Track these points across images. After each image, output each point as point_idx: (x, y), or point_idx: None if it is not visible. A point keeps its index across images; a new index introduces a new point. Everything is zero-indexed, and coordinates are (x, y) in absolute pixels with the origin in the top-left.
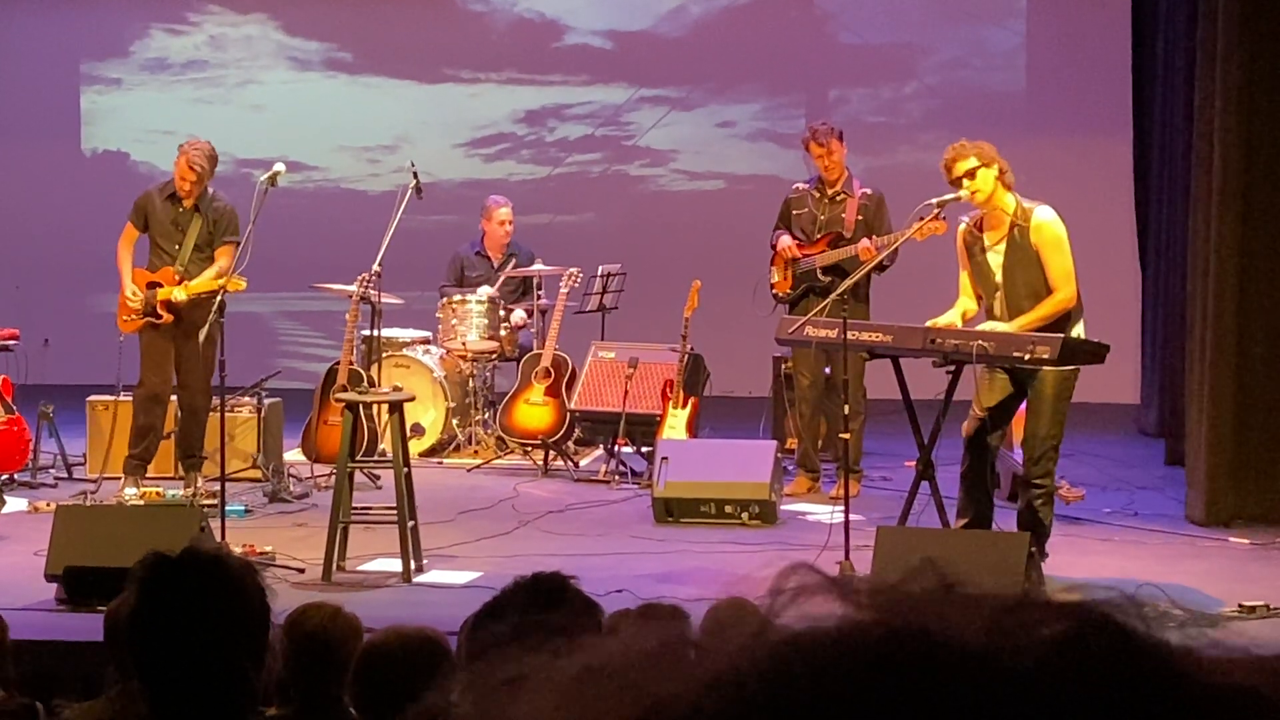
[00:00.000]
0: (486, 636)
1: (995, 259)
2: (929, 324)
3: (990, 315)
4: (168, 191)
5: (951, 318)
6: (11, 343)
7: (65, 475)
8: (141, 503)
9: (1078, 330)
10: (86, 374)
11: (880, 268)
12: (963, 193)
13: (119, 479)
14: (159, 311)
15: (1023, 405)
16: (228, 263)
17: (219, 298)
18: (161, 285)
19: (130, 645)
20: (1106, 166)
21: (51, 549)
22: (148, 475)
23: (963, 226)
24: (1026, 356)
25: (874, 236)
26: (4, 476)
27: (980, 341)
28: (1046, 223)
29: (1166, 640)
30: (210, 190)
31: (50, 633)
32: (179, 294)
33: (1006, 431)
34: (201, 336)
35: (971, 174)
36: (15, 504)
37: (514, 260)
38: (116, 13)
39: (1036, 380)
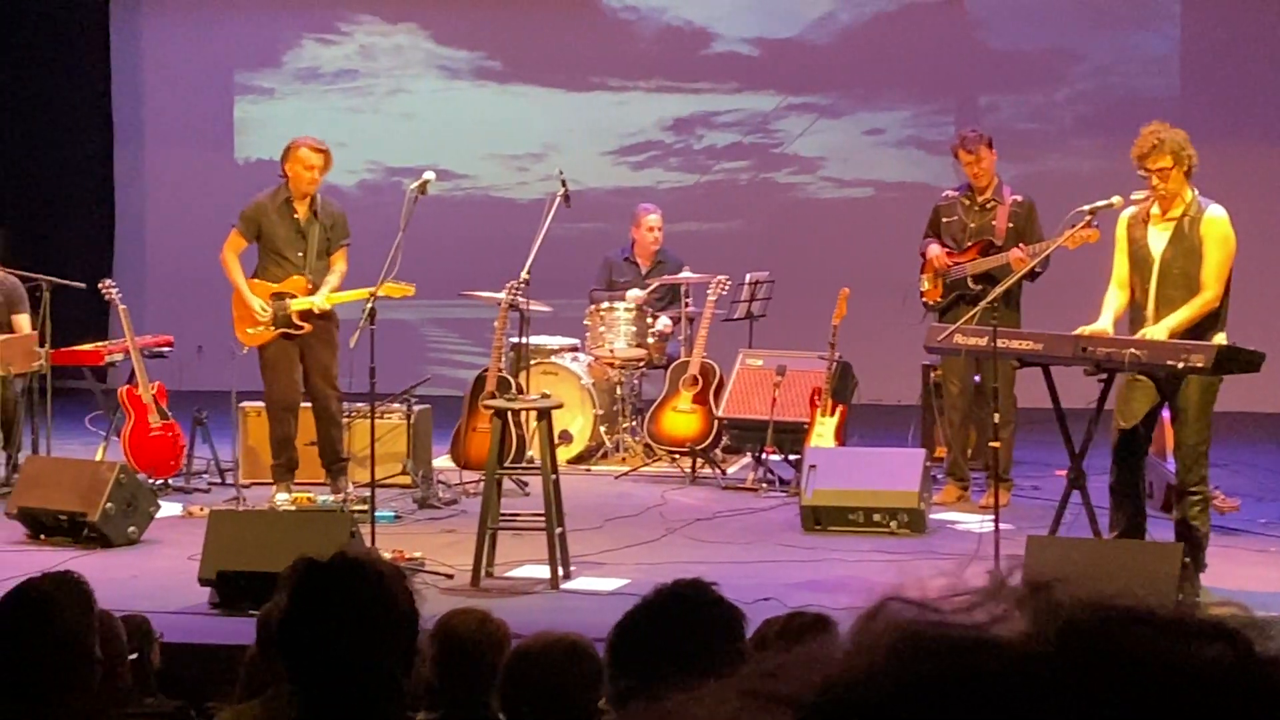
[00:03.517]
0: (632, 644)
1: (1157, 243)
2: (1080, 332)
3: (1137, 307)
4: (280, 199)
5: (1104, 322)
6: (166, 349)
7: (218, 481)
8: (293, 508)
9: (1220, 338)
10: (238, 380)
11: (1032, 275)
12: (1115, 199)
13: (270, 484)
14: (295, 322)
15: (1166, 413)
16: (345, 266)
17: (369, 303)
18: (291, 295)
19: (282, 649)
20: (1264, 173)
21: (205, 554)
22: (299, 481)
23: (1129, 211)
24: (1180, 365)
25: (1025, 244)
26: (159, 482)
27: (1133, 350)
28: (1219, 219)
29: None
30: (320, 196)
31: (203, 636)
32: (322, 304)
33: (1158, 440)
34: (352, 343)
35: (1165, 174)
36: (169, 509)
37: (662, 267)
38: (269, 24)
39: (1181, 387)
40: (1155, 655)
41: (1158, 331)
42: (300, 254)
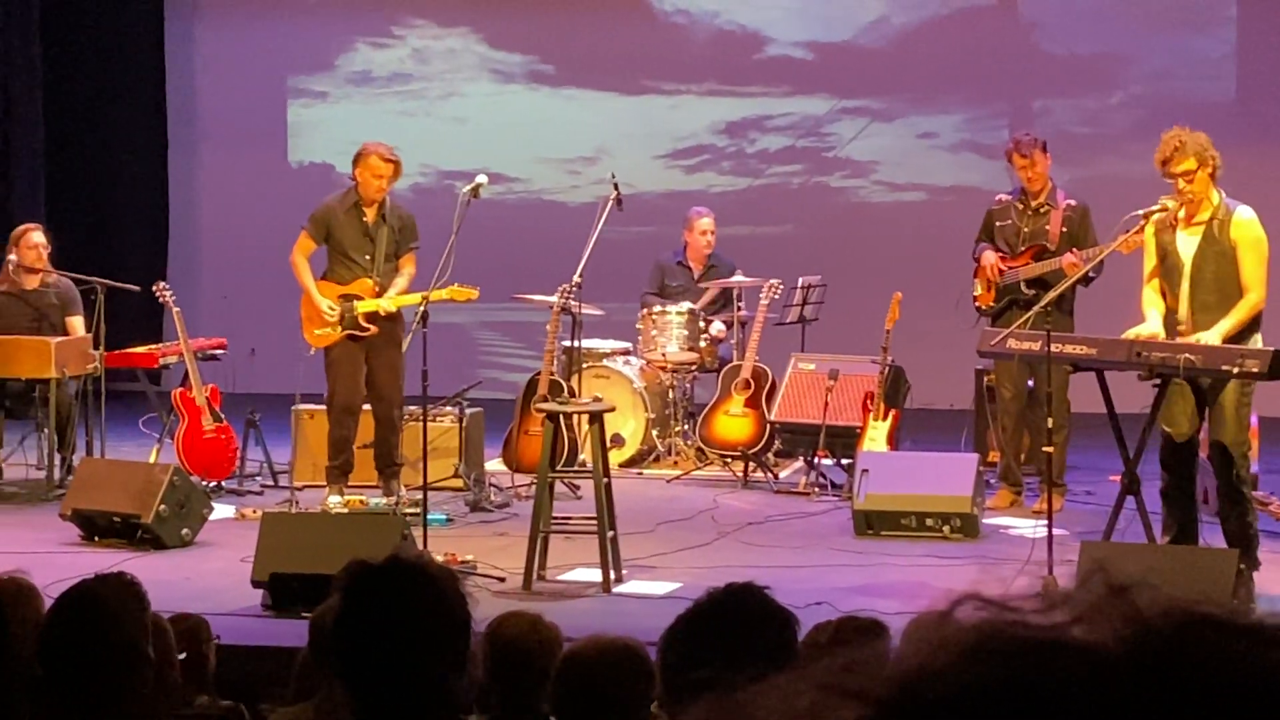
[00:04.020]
0: (684, 648)
1: (1186, 248)
2: (1135, 334)
3: (1170, 312)
4: (349, 202)
5: (1154, 324)
6: (219, 352)
7: (271, 483)
8: (345, 511)
9: (1256, 340)
10: (291, 383)
11: (1086, 280)
12: (1169, 202)
13: (323, 487)
14: (362, 324)
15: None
16: (414, 269)
17: (422, 307)
18: (358, 297)
19: (335, 651)
20: None
21: (258, 555)
22: (351, 484)
23: (1156, 216)
24: (1235, 370)
25: (1079, 249)
26: (212, 484)
27: (1187, 355)
28: (1248, 221)
29: None
30: (389, 199)
31: (256, 638)
32: (387, 306)
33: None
34: (405, 346)
35: (1190, 177)
36: (222, 511)
37: (714, 271)
38: (323, 27)
39: (1217, 391)
40: (1235, 661)
41: (1210, 336)
42: (368, 257)
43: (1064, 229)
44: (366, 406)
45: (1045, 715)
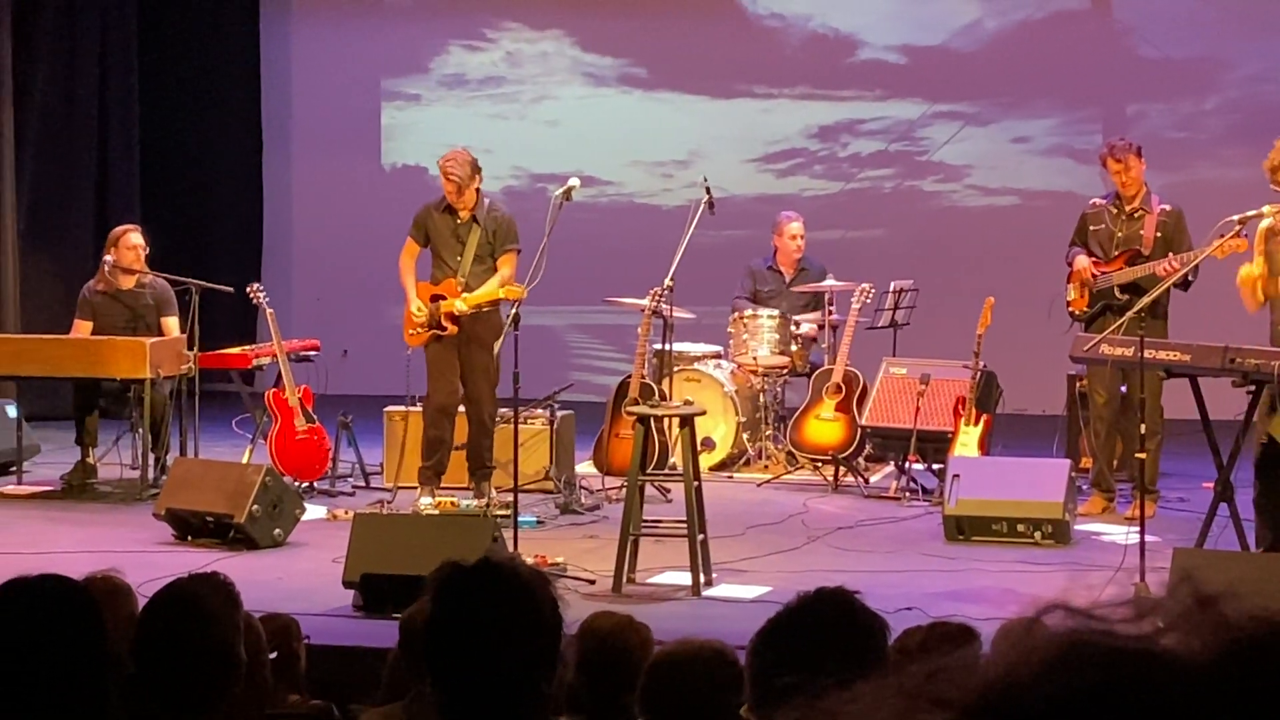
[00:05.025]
0: (774, 652)
1: None
2: None
3: (1274, 314)
4: (444, 205)
5: None
6: (312, 353)
7: (363, 484)
8: (436, 512)
9: None
10: (383, 384)
11: (1183, 285)
12: (1266, 209)
13: (414, 488)
14: (443, 324)
15: None
16: (510, 271)
17: (514, 310)
18: (445, 298)
19: (426, 652)
20: None
21: (349, 556)
22: (442, 485)
23: (1266, 223)
24: None
25: (1174, 254)
26: (304, 485)
27: None
28: None
29: None
30: (487, 200)
31: (347, 638)
32: (460, 305)
33: None
34: (496, 349)
35: None
36: (314, 511)
37: (805, 275)
38: (417, 30)
39: None
40: None
41: None
42: (457, 257)
43: (1158, 234)
44: (463, 409)
45: None
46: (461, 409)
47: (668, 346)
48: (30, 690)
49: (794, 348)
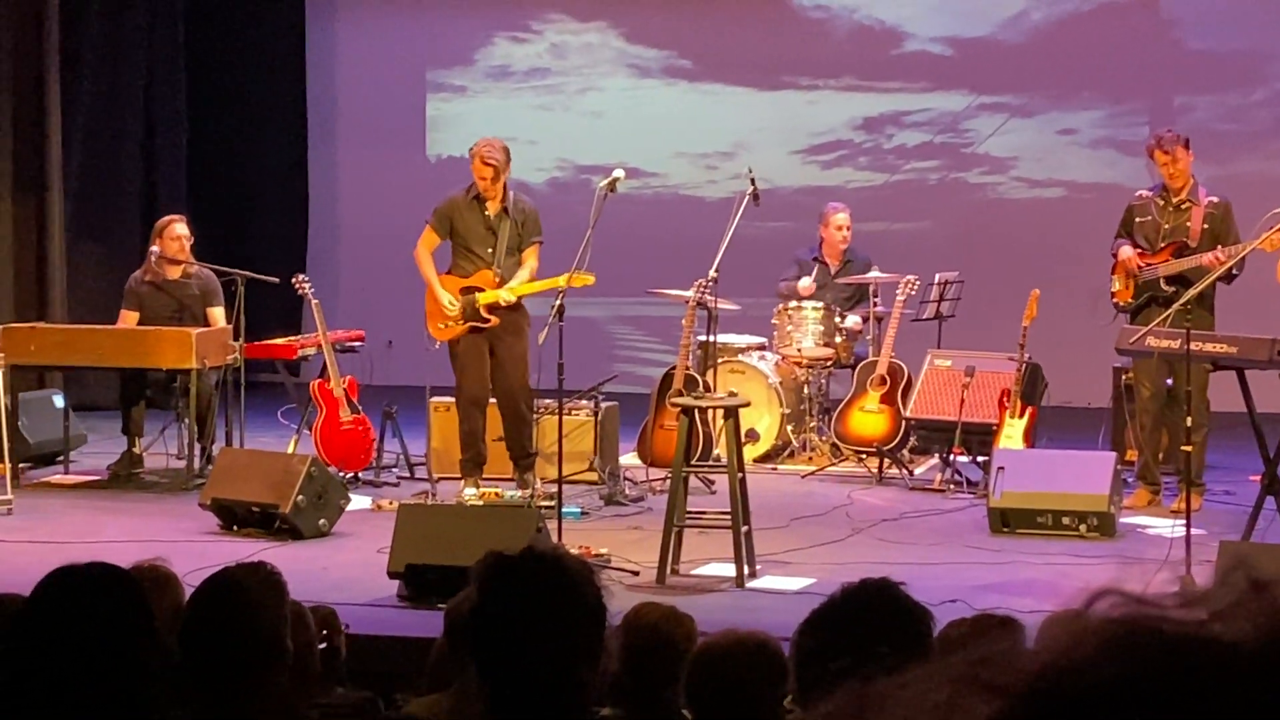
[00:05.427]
0: (818, 643)
1: None
2: None
3: None
4: (472, 195)
5: None
6: (357, 344)
7: (407, 475)
8: (480, 503)
9: None
10: (428, 375)
11: (1229, 277)
12: None
13: (459, 479)
14: (483, 316)
15: None
16: (536, 263)
17: (559, 300)
18: (480, 290)
19: (470, 642)
20: None
21: (393, 547)
22: (486, 476)
23: None
24: None
25: (1222, 245)
26: (349, 475)
27: None
28: None
29: None
30: (513, 193)
31: (391, 629)
32: (506, 295)
33: None
34: (541, 340)
35: None
36: (359, 502)
37: (850, 266)
38: (462, 22)
39: None
40: None
41: None
42: (490, 249)
43: (1205, 225)
44: (494, 400)
45: (1183, 710)
46: (492, 400)
47: (712, 338)
48: (78, 678)
49: (838, 339)
